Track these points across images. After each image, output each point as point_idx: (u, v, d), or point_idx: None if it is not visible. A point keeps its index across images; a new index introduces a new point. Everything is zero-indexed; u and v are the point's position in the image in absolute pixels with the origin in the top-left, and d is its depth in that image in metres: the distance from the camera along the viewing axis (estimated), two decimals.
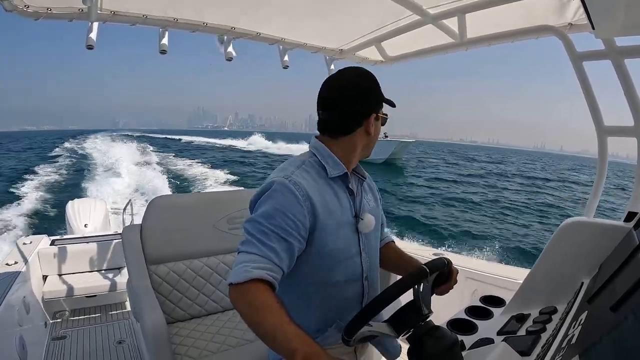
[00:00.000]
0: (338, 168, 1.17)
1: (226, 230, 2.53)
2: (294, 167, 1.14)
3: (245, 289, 0.95)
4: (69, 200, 4.75)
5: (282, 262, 1.02)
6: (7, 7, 1.69)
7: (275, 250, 1.00)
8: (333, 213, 1.13)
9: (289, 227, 1.03)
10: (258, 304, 0.93)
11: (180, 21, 2.17)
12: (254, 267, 0.97)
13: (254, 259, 0.99)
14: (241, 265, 0.98)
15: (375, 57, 2.89)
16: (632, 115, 1.56)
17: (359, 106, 1.16)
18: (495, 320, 1.39)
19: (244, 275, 0.95)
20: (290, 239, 1.03)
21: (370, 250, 1.25)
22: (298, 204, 1.05)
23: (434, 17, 2.05)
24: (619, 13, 1.05)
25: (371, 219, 1.20)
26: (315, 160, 1.18)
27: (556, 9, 1.81)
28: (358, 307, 1.22)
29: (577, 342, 0.79)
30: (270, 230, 1.01)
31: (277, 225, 1.02)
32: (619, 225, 1.34)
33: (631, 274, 0.85)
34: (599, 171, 1.79)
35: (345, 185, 1.19)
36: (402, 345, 1.30)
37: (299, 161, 1.17)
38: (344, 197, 1.18)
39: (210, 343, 2.11)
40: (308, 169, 1.15)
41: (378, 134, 1.24)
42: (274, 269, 1.00)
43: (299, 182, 1.07)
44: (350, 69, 1.21)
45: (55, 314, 3.47)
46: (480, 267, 2.72)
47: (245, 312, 0.94)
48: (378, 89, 1.20)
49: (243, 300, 0.95)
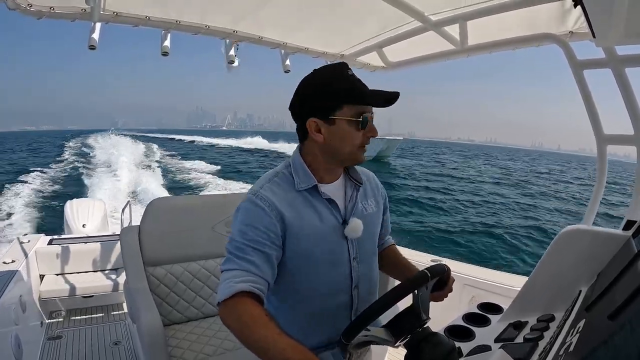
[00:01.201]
0: (307, 180, 1.15)
1: (224, 234, 2.52)
2: (265, 181, 1.15)
3: (232, 304, 0.97)
4: (68, 200, 4.75)
5: (263, 273, 1.04)
6: (10, 5, 1.69)
7: (253, 263, 1.03)
8: (307, 222, 1.12)
9: (261, 238, 1.05)
10: (247, 318, 0.94)
11: (182, 23, 2.18)
12: (237, 281, 0.99)
13: (235, 274, 1.01)
14: (225, 282, 1.00)
15: (376, 63, 2.90)
16: (632, 124, 1.56)
17: (299, 110, 1.15)
18: (493, 328, 1.38)
19: (228, 291, 0.97)
20: (265, 249, 1.05)
21: (364, 257, 1.23)
22: (266, 215, 1.07)
23: (435, 24, 2.06)
24: (620, 22, 1.05)
25: (358, 224, 1.18)
26: (289, 172, 1.17)
27: (557, 17, 1.81)
28: (346, 319, 1.20)
29: (574, 350, 0.79)
30: (245, 245, 1.04)
31: (250, 239, 1.05)
32: (618, 233, 1.34)
33: (629, 282, 0.84)
34: (599, 179, 1.79)
35: (319, 195, 1.16)
36: (400, 352, 1.29)
37: (272, 173, 1.18)
38: (321, 206, 1.16)
39: (206, 346, 2.10)
40: (280, 181, 1.15)
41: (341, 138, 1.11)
42: (256, 280, 1.01)
43: (266, 196, 1.09)
44: (315, 70, 1.16)
45: (51, 313, 3.46)
46: (478, 274, 2.71)
47: (236, 327, 0.95)
48: (330, 89, 1.09)
49: (232, 316, 0.96)
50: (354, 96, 1.09)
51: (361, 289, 1.23)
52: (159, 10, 2.06)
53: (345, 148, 1.13)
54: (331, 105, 1.09)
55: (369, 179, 1.34)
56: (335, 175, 1.22)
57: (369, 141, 1.16)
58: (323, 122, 1.11)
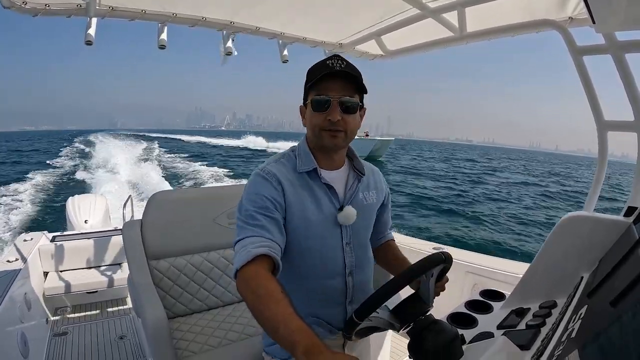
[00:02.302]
0: (308, 164, 1.20)
1: (226, 225, 2.53)
2: (272, 160, 1.23)
3: (250, 273, 0.98)
4: (70, 197, 4.75)
5: (274, 236, 1.07)
6: (5, 3, 1.67)
7: (265, 227, 1.07)
8: (303, 203, 1.16)
9: (270, 204, 1.11)
10: (262, 292, 0.93)
11: (179, 16, 2.16)
12: (253, 247, 1.01)
13: (250, 240, 1.04)
14: (241, 250, 1.02)
15: (375, 51, 2.88)
16: (633, 110, 1.55)
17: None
18: (495, 315, 1.39)
19: (245, 256, 0.99)
20: (275, 215, 1.10)
21: (357, 245, 1.26)
22: (272, 187, 1.13)
23: (433, 11, 2.04)
24: (620, 7, 1.04)
25: (351, 212, 1.20)
26: (294, 154, 1.24)
27: (557, 3, 1.80)
28: (341, 304, 1.23)
29: (576, 336, 0.79)
30: (255, 212, 1.09)
31: (260, 206, 1.10)
32: (619, 219, 1.34)
33: (631, 269, 0.85)
34: (599, 166, 1.79)
35: (319, 180, 1.20)
36: (402, 340, 1.30)
37: (280, 155, 1.25)
38: (319, 190, 1.20)
39: (211, 338, 2.12)
40: (285, 161, 1.22)
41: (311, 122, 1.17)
42: (271, 245, 1.04)
43: (271, 171, 1.16)
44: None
45: (56, 310, 3.48)
46: (480, 261, 2.73)
47: (250, 299, 0.95)
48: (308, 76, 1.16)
49: (249, 287, 0.96)
50: (310, 79, 1.15)
51: (355, 277, 1.25)
52: (154, 3, 2.04)
53: (310, 131, 1.20)
54: (305, 91, 1.19)
55: (373, 173, 1.38)
56: (332, 162, 1.24)
57: (334, 126, 1.14)
58: (304, 108, 1.21)
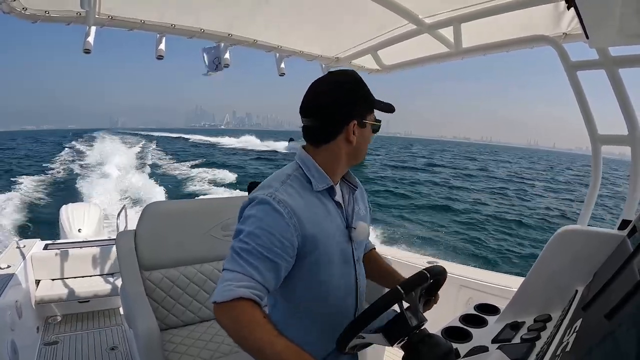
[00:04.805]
0: (323, 181, 1.13)
1: (220, 237, 2.51)
2: (278, 182, 1.10)
3: (230, 307, 0.94)
4: (63, 205, 4.71)
5: (265, 280, 0.99)
6: (5, 9, 1.69)
7: (258, 269, 0.98)
8: (322, 225, 1.10)
9: (275, 246, 1.01)
10: (244, 320, 0.92)
11: (177, 27, 2.18)
12: (237, 285, 0.95)
13: (237, 277, 0.97)
14: (225, 284, 0.96)
15: (371, 66, 2.90)
16: (626, 123, 1.57)
17: (337, 112, 1.12)
18: (490, 328, 1.38)
19: (227, 294, 0.94)
20: (276, 259, 1.01)
21: (359, 259, 1.25)
22: (284, 222, 1.02)
23: (430, 27, 2.07)
24: (613, 23, 1.06)
25: (365, 227, 1.19)
26: (300, 174, 1.14)
27: (551, 19, 1.83)
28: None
29: (571, 350, 0.79)
30: (255, 250, 0.99)
31: (262, 245, 1.00)
32: (613, 233, 1.35)
33: (625, 282, 0.85)
34: (593, 180, 1.80)
35: (332, 197, 1.16)
36: (396, 354, 1.29)
37: (284, 175, 1.13)
38: (332, 208, 1.16)
39: (203, 350, 2.09)
40: (293, 183, 1.11)
41: (366, 141, 1.17)
42: (257, 287, 0.98)
43: (284, 200, 1.04)
44: (334, 73, 1.19)
45: (47, 318, 3.43)
46: (474, 275, 2.71)
47: (232, 327, 0.93)
48: (362, 94, 1.14)
49: (229, 316, 0.94)
50: (377, 103, 1.16)
51: (360, 291, 1.23)
52: (154, 13, 2.06)
53: (365, 150, 1.19)
54: (367, 110, 1.16)
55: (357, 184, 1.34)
56: (336, 178, 1.21)
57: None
58: (358, 126, 1.13)
